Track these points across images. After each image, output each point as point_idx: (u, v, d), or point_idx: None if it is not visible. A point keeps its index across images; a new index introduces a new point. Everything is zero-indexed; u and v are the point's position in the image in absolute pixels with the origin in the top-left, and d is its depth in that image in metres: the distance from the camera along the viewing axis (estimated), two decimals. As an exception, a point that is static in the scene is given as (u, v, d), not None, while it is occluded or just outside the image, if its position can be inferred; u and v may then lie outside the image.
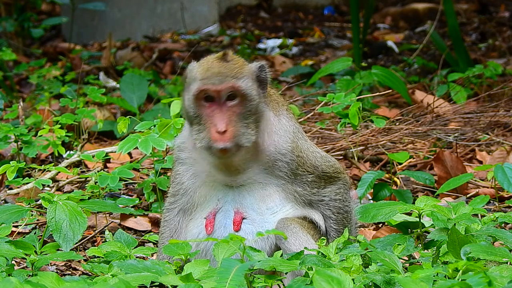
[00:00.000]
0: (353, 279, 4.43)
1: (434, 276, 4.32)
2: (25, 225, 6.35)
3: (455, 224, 4.94)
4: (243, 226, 4.99)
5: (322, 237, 4.96)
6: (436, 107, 9.08)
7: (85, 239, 6.24)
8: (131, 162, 7.65)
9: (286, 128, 5.08)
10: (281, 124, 5.07)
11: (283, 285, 4.78)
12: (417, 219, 5.25)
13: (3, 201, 6.97)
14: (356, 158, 7.90)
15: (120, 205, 6.54)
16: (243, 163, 4.98)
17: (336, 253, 4.73)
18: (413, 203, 5.67)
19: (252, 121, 4.91)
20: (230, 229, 4.98)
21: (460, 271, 4.22)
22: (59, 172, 7.27)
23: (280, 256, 4.68)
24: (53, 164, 7.05)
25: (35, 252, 5.07)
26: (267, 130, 5.03)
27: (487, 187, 7.34)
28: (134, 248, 5.28)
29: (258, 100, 4.94)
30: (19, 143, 7.42)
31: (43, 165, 6.80)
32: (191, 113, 4.92)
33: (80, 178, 7.21)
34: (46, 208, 5.17)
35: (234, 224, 4.98)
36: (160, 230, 5.23)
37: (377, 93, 8.81)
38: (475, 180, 7.44)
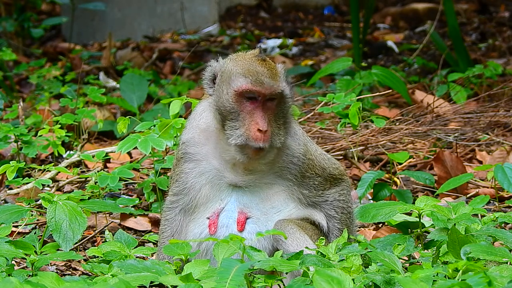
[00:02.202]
0: (353, 279, 4.43)
1: (434, 276, 4.32)
2: (25, 225, 6.35)
3: (455, 224, 4.94)
4: (247, 226, 4.98)
5: (321, 237, 4.97)
6: (436, 107, 9.08)
7: (85, 239, 6.23)
8: (131, 162, 7.65)
9: (296, 131, 5.12)
10: (292, 128, 5.11)
11: (283, 285, 4.78)
12: (417, 219, 5.25)
13: (3, 201, 6.97)
14: (356, 158, 7.90)
15: (120, 205, 6.54)
16: (262, 164, 5.00)
17: (336, 253, 4.73)
18: (413, 203, 5.67)
19: (283, 123, 4.97)
20: (233, 229, 4.98)
21: (460, 271, 4.22)
22: (59, 172, 7.27)
23: (280, 256, 4.68)
24: (53, 164, 7.05)
25: (35, 252, 5.06)
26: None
27: (487, 187, 7.34)
28: (134, 248, 5.27)
29: (290, 102, 5.03)
30: (19, 143, 7.42)
31: (43, 165, 6.80)
32: (228, 108, 4.92)
33: (80, 178, 7.21)
34: (46, 208, 5.17)
35: (238, 224, 4.98)
36: (160, 230, 5.22)
37: (377, 93, 8.81)
38: (475, 180, 7.44)
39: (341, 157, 8.00)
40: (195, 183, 5.09)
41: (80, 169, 7.52)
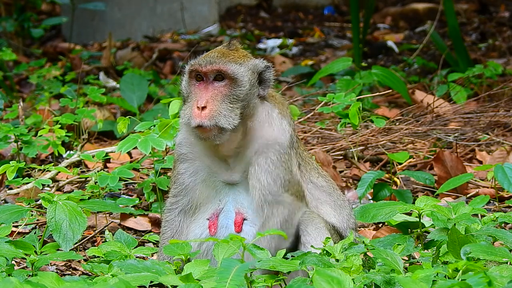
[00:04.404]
0: (353, 279, 4.42)
1: (434, 276, 4.32)
2: (25, 225, 6.35)
3: (455, 224, 4.94)
4: (243, 227, 4.98)
5: (327, 237, 4.94)
6: (436, 107, 9.08)
7: (85, 239, 6.24)
8: (131, 162, 7.65)
9: (287, 129, 5.05)
10: (283, 125, 5.05)
11: (285, 284, 4.78)
12: (417, 219, 5.25)
13: (3, 201, 6.97)
14: (356, 158, 7.90)
15: (120, 205, 6.54)
16: (232, 152, 4.98)
17: (341, 253, 4.72)
18: (413, 203, 5.67)
19: (239, 107, 4.92)
20: (231, 230, 4.97)
21: (460, 271, 4.22)
22: (59, 172, 7.27)
23: (283, 256, 4.68)
24: (53, 164, 7.05)
25: (35, 252, 5.06)
26: (267, 122, 5.02)
27: (487, 187, 7.34)
28: (134, 248, 5.28)
29: (249, 88, 4.97)
30: (19, 143, 7.42)
31: (43, 165, 6.80)
32: (184, 93, 5.03)
33: (80, 178, 7.21)
34: (46, 208, 5.17)
35: (235, 225, 4.98)
36: (161, 231, 5.22)
37: (377, 93, 8.81)
38: (475, 180, 7.44)
39: (341, 157, 8.00)
40: (191, 183, 5.10)
41: (80, 169, 7.52)
